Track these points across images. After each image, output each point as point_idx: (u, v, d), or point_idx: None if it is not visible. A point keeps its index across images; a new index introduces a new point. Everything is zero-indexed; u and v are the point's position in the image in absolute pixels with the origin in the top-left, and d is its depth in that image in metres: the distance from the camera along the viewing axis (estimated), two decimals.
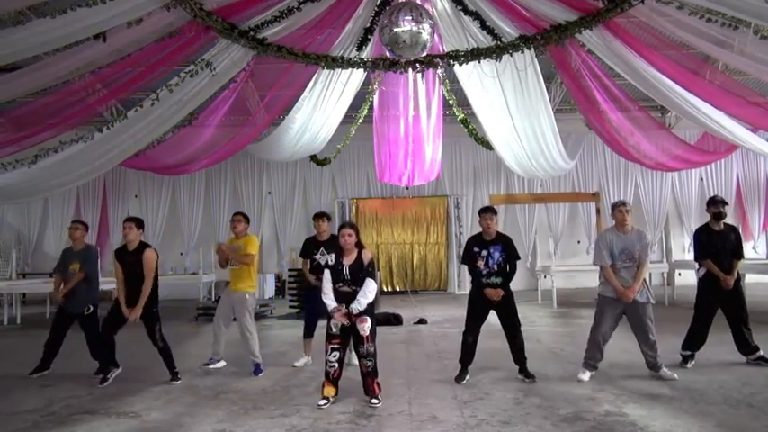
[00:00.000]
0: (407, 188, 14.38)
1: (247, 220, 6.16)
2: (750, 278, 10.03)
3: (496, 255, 5.25)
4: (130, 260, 5.60)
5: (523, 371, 5.32)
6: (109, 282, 7.71)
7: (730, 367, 5.65)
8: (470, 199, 15.84)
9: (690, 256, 13.44)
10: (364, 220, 15.75)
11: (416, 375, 5.69)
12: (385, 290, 15.18)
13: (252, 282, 6.05)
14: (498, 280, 5.26)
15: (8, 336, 9.39)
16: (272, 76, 9.14)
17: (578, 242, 15.82)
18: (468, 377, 5.35)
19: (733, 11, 6.41)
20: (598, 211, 13.46)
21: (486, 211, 5.35)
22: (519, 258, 5.41)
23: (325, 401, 4.61)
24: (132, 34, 7.17)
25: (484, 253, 5.27)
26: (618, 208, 5.18)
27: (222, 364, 6.07)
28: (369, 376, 4.70)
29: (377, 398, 4.64)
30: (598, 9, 7.44)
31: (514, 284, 5.47)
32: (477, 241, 5.40)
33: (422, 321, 9.39)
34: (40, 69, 7.29)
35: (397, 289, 15.30)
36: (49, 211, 15.45)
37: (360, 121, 11.34)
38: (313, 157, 12.56)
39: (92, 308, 6.10)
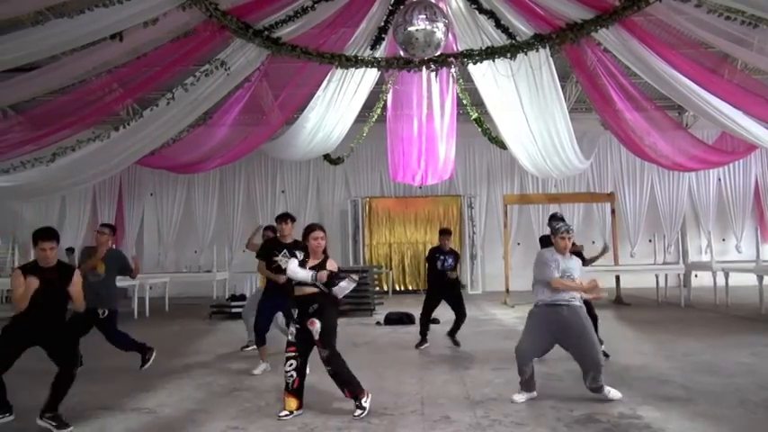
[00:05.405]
0: (420, 187, 14.37)
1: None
2: None
3: (450, 260, 7.48)
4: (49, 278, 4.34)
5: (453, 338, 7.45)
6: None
7: (748, 370, 5.56)
8: (484, 198, 15.78)
9: (707, 257, 13.28)
10: (377, 219, 15.76)
11: (429, 375, 5.68)
12: (397, 289, 15.18)
13: None
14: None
15: None
16: (285, 75, 9.18)
17: (593, 242, 15.65)
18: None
19: (753, 8, 6.31)
20: (613, 211, 13.33)
21: (445, 233, 7.63)
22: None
23: (286, 414, 4.27)
24: (148, 34, 7.26)
25: (442, 258, 7.48)
26: (560, 234, 4.87)
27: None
28: (339, 385, 4.37)
29: (362, 407, 4.24)
30: (615, 7, 7.38)
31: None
32: (437, 250, 7.63)
33: (434, 321, 9.33)
34: (57, 69, 7.40)
35: (410, 288, 15.28)
36: (66, 209, 15.66)
37: (373, 120, 11.33)
38: (326, 157, 12.58)
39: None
